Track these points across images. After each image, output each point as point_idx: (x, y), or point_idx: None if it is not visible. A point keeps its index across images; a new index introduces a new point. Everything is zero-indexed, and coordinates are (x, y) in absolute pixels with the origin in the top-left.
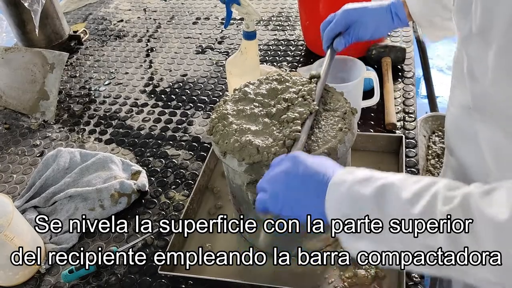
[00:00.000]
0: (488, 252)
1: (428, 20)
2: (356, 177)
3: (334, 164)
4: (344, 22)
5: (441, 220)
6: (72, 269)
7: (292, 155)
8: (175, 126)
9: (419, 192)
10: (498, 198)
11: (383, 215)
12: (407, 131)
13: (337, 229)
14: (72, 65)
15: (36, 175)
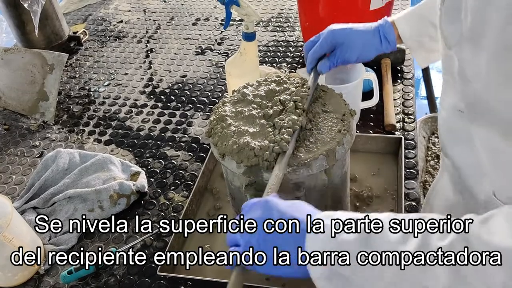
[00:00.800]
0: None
1: (417, 41)
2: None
3: (310, 208)
4: (330, 43)
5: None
6: (71, 270)
7: (263, 200)
8: (174, 127)
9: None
10: (498, 225)
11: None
12: (407, 132)
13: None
14: (71, 66)
15: (35, 176)
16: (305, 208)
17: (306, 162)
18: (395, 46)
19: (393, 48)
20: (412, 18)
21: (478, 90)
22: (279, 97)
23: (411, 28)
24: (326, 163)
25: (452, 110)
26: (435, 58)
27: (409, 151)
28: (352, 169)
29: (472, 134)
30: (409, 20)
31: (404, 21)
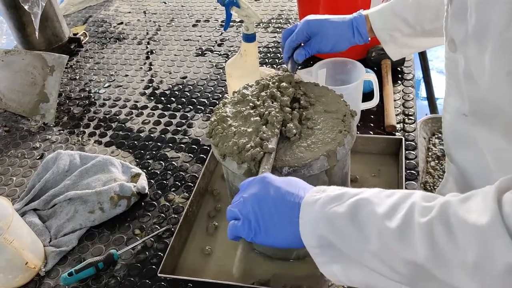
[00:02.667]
0: (471, 259)
1: (388, 34)
2: (329, 195)
3: (305, 184)
4: (306, 33)
5: (419, 232)
6: (71, 272)
7: (260, 177)
8: (174, 128)
9: (395, 205)
10: (476, 204)
11: (359, 232)
12: (407, 133)
13: (315, 254)
14: (72, 68)
15: (36, 177)
16: (300, 183)
17: (307, 163)
18: (367, 39)
19: (365, 40)
20: (386, 12)
21: (482, 89)
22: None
23: (384, 22)
24: (327, 164)
25: (456, 114)
26: (406, 52)
27: (410, 152)
28: (352, 170)
29: (476, 136)
30: (382, 14)
31: (377, 14)
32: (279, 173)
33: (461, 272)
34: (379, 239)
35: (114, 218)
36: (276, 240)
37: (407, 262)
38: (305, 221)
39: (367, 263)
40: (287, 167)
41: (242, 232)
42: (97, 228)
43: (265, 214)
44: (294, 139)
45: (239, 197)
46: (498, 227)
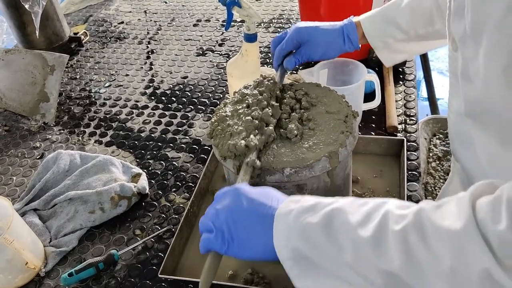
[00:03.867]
0: (446, 266)
1: (381, 41)
2: (303, 205)
3: (279, 194)
4: (296, 41)
5: (394, 240)
6: (72, 272)
7: (233, 188)
8: (175, 128)
9: (368, 214)
10: (450, 210)
11: (333, 243)
12: (409, 134)
13: (288, 267)
14: (72, 67)
15: (36, 177)
16: (274, 194)
17: (309, 164)
18: (358, 46)
19: (356, 47)
20: (378, 18)
21: (478, 89)
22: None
23: (376, 29)
24: (328, 165)
25: (458, 113)
26: (399, 58)
27: (411, 153)
28: (354, 170)
29: (473, 138)
30: (374, 21)
31: (369, 21)
32: (281, 174)
33: (437, 280)
34: (353, 249)
35: (114, 218)
36: (249, 252)
37: (381, 271)
38: (279, 233)
39: (342, 274)
40: (288, 168)
41: (215, 244)
42: (98, 228)
43: (238, 226)
44: (296, 140)
45: (212, 209)
46: (472, 233)
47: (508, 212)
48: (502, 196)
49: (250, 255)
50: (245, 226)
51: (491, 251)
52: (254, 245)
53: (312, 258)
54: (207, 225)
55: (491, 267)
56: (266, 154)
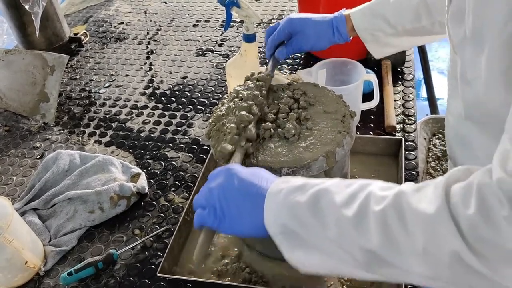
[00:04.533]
0: (420, 246)
1: (371, 34)
2: (292, 186)
3: (269, 174)
4: (287, 31)
5: (374, 220)
6: (71, 271)
7: (226, 167)
8: (174, 128)
9: (353, 194)
10: (427, 193)
11: (319, 221)
12: (407, 134)
13: (278, 241)
14: (72, 68)
15: (36, 177)
16: (264, 174)
17: (306, 164)
18: (347, 38)
19: (345, 39)
20: (367, 12)
21: (477, 92)
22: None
23: (365, 22)
24: (325, 165)
25: (457, 115)
26: (388, 51)
27: (410, 152)
28: (352, 170)
29: (473, 142)
30: (364, 14)
31: (359, 14)
32: (278, 174)
33: (413, 258)
34: (337, 227)
35: (113, 218)
36: (240, 228)
37: (362, 249)
38: (269, 211)
39: (327, 249)
40: (286, 167)
41: (207, 220)
42: (97, 228)
43: (230, 204)
44: (293, 140)
45: (206, 187)
46: (444, 216)
47: (477, 198)
48: (474, 182)
49: (241, 231)
50: (236, 203)
51: (461, 234)
52: (244, 221)
53: (300, 234)
54: (201, 202)
55: (461, 249)
56: (264, 154)
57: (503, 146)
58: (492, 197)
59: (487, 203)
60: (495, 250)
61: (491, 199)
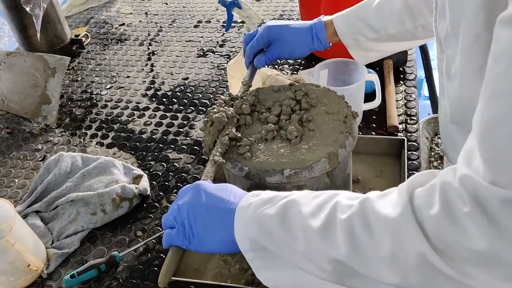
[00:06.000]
0: (387, 251)
1: (353, 38)
2: (261, 199)
3: (237, 189)
4: (266, 39)
5: (340, 228)
6: (74, 274)
7: (194, 184)
8: (176, 129)
9: (320, 205)
10: (391, 199)
11: (288, 233)
12: (409, 134)
13: (249, 258)
14: (73, 69)
15: (38, 179)
16: (233, 189)
17: (308, 165)
18: (326, 45)
19: (325, 46)
20: (349, 16)
21: (457, 89)
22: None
23: (347, 26)
24: (328, 166)
25: (446, 115)
26: (372, 56)
27: (412, 152)
28: (354, 171)
29: (456, 140)
30: (346, 19)
31: (341, 19)
32: (281, 175)
33: (380, 265)
34: (305, 238)
35: (116, 220)
36: (210, 246)
37: (330, 259)
38: (239, 225)
39: (297, 262)
40: (288, 169)
41: (177, 239)
42: (99, 230)
43: (197, 221)
44: (295, 141)
45: (174, 205)
46: (408, 218)
47: (440, 197)
48: (437, 182)
49: (211, 249)
50: (204, 220)
51: (425, 235)
52: (213, 238)
53: (269, 249)
54: (169, 221)
55: (426, 251)
56: (266, 155)
57: (469, 144)
58: (454, 195)
59: (450, 201)
60: (459, 250)
61: (453, 197)
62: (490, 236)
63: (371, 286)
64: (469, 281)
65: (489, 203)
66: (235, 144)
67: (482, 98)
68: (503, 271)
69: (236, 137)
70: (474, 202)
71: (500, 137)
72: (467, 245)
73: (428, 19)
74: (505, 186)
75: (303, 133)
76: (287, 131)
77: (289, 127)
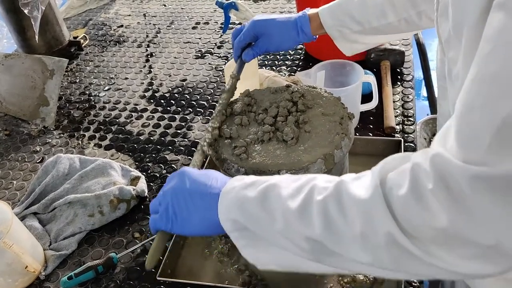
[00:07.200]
0: (358, 231)
1: (338, 30)
2: (244, 183)
3: (220, 175)
4: (253, 33)
5: (316, 209)
6: (71, 275)
7: (180, 170)
8: (174, 131)
9: (299, 188)
10: (364, 181)
11: (267, 214)
12: (406, 135)
13: (234, 238)
14: (72, 71)
15: (36, 181)
16: (217, 175)
17: (304, 166)
18: (312, 37)
19: (310, 38)
20: (335, 9)
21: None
22: None
23: (333, 19)
24: (324, 167)
25: (446, 117)
26: (358, 48)
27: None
28: (351, 172)
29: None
30: (331, 11)
31: (327, 11)
32: None
33: (353, 244)
34: (283, 219)
35: (113, 221)
36: (193, 228)
37: (307, 238)
38: (222, 208)
39: (277, 242)
40: (284, 170)
41: (160, 223)
42: (97, 232)
43: (181, 205)
44: (291, 143)
45: (161, 191)
46: (378, 199)
47: (410, 178)
48: (408, 165)
49: (193, 231)
50: (187, 204)
51: (394, 217)
52: (196, 221)
53: (250, 229)
54: (155, 206)
55: (394, 232)
56: (262, 157)
57: (446, 125)
58: (422, 174)
59: (418, 180)
60: (424, 229)
61: (420, 176)
62: (452, 213)
63: (348, 265)
64: (436, 261)
65: (455, 179)
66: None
67: (468, 78)
68: (467, 250)
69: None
70: (439, 178)
71: (476, 119)
72: (431, 223)
73: (411, 13)
74: (476, 163)
75: (299, 135)
76: (283, 132)
77: (286, 129)
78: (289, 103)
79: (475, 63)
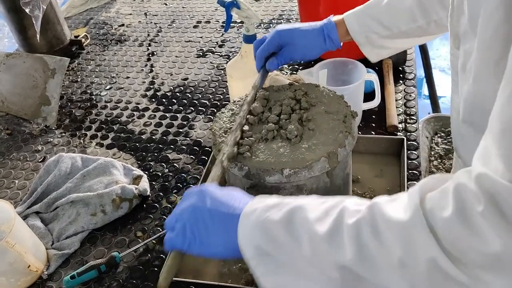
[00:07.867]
0: (396, 257)
1: (365, 36)
2: (266, 205)
3: (243, 195)
4: (277, 43)
5: (347, 233)
6: (74, 274)
7: (199, 188)
8: (176, 130)
9: (327, 210)
10: (401, 203)
11: (292, 239)
12: (409, 133)
13: (253, 265)
14: (73, 70)
15: (38, 180)
16: (238, 195)
17: (308, 164)
18: (339, 44)
19: (337, 46)
20: (361, 15)
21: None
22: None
23: (360, 24)
24: (328, 165)
25: (456, 112)
26: (384, 53)
27: (412, 152)
28: (354, 170)
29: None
30: (358, 17)
31: (352, 17)
32: (281, 174)
33: (389, 272)
34: (311, 244)
35: (116, 220)
36: (211, 250)
37: (337, 265)
38: (243, 231)
39: (301, 269)
40: (288, 168)
41: (177, 242)
42: (99, 231)
43: (200, 225)
44: (295, 141)
45: (178, 208)
46: (418, 223)
47: (454, 199)
48: (451, 185)
49: (212, 253)
50: (206, 225)
51: (437, 240)
52: (216, 243)
53: (273, 255)
54: (172, 224)
55: (438, 256)
56: (266, 155)
57: (484, 143)
58: (469, 196)
59: (464, 202)
60: (473, 254)
61: (468, 198)
62: (506, 236)
63: None
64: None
65: (507, 201)
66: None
67: (502, 95)
68: None
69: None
70: (489, 200)
71: None
72: (481, 247)
73: (441, 15)
74: None
75: (303, 133)
76: (287, 130)
77: (289, 127)
78: (293, 101)
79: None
